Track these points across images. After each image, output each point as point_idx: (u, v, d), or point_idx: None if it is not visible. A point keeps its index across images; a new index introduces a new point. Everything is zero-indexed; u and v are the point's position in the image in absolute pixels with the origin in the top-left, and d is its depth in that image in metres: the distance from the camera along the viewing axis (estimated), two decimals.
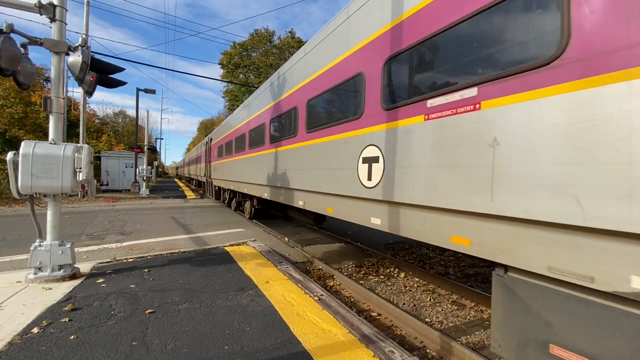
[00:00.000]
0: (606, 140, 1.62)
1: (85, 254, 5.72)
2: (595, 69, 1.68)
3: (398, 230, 3.27)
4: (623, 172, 1.56)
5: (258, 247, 6.25)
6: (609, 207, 1.60)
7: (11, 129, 19.73)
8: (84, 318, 3.10)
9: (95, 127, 34.49)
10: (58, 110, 4.16)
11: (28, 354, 2.48)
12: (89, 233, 7.80)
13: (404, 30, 3.08)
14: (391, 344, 2.75)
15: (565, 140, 1.79)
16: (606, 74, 1.64)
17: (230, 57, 37.75)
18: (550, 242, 1.89)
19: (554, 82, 1.85)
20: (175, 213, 11.81)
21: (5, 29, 3.67)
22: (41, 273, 4.04)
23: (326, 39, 4.65)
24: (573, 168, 1.75)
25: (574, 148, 1.75)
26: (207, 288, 3.99)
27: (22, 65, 3.95)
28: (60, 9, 4.15)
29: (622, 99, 1.57)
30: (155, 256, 5.46)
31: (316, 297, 3.77)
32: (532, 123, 1.95)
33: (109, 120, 47.16)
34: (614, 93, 1.60)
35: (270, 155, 7.09)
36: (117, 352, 2.53)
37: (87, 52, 4.24)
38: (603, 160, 1.63)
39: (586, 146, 1.70)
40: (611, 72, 1.62)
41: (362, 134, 3.75)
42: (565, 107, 1.80)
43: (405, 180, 3.06)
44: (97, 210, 11.96)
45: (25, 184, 3.83)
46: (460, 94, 2.45)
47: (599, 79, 1.67)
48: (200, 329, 2.95)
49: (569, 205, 1.75)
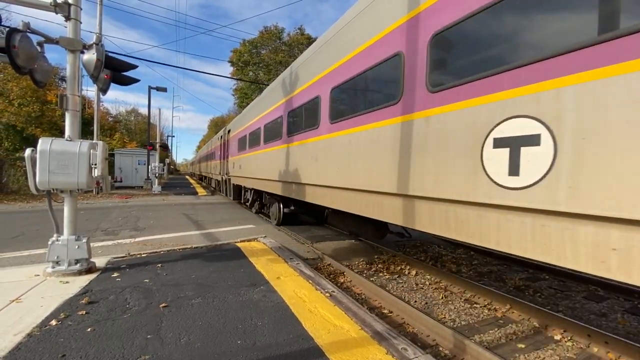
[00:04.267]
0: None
1: (100, 249, 5.83)
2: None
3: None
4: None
5: (269, 243, 6.27)
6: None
7: (28, 127, 20.25)
8: (100, 311, 3.16)
9: (108, 125, 35.15)
10: (74, 108, 4.23)
11: (47, 346, 2.54)
12: (104, 228, 7.97)
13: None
14: (404, 341, 2.72)
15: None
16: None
17: (240, 55, 37.89)
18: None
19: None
20: (187, 209, 11.96)
21: (22, 27, 3.75)
22: (59, 267, 4.14)
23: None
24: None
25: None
26: (219, 283, 4.02)
27: (38, 64, 4.02)
28: (75, 7, 4.21)
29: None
30: (168, 251, 5.54)
31: (327, 293, 3.76)
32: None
33: (122, 119, 48.01)
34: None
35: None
36: (133, 345, 2.58)
37: (101, 49, 4.29)
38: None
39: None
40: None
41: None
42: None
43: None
44: (111, 207, 12.20)
45: (43, 180, 3.92)
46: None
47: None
48: (213, 323, 2.97)
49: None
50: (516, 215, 2.31)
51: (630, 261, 1.75)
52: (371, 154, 3.98)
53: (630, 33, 1.73)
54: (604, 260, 1.85)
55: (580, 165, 1.92)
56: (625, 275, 1.76)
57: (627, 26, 1.75)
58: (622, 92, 1.75)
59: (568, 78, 1.99)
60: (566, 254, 2.03)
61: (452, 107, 2.81)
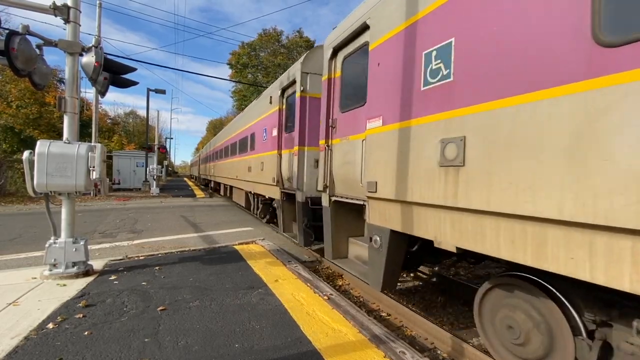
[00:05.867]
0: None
1: (97, 252, 5.81)
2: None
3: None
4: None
5: (267, 245, 6.27)
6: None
7: (26, 129, 20.21)
8: (97, 314, 3.15)
9: (107, 127, 35.10)
10: (72, 110, 4.23)
11: (44, 349, 2.52)
12: (102, 231, 7.94)
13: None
14: (402, 345, 2.73)
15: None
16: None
17: (238, 57, 38.00)
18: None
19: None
20: (185, 211, 11.93)
21: (22, 30, 3.75)
22: (56, 270, 4.12)
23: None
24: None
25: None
26: (217, 286, 4.01)
27: (37, 66, 4.03)
28: (74, 10, 4.22)
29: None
30: (166, 254, 5.53)
31: (325, 296, 3.76)
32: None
33: (120, 121, 47.96)
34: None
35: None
36: (130, 349, 2.57)
37: (100, 52, 4.30)
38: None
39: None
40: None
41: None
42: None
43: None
44: (109, 209, 12.17)
45: (41, 182, 3.91)
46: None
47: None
48: (211, 326, 2.97)
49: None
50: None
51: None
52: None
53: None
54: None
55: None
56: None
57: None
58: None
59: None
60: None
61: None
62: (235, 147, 12.84)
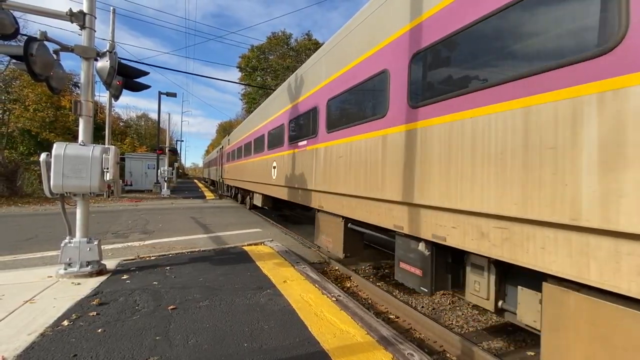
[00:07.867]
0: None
1: (110, 252, 5.93)
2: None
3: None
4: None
5: (275, 247, 6.30)
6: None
7: (42, 132, 20.79)
8: (110, 312, 3.22)
9: (119, 129, 35.86)
10: (87, 113, 4.35)
11: (59, 346, 2.60)
12: (114, 231, 8.10)
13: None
14: (410, 347, 2.71)
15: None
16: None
17: (248, 60, 38.41)
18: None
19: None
20: (195, 213, 12.08)
21: (40, 36, 3.88)
22: (71, 269, 4.23)
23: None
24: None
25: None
26: (226, 286, 4.06)
27: (54, 71, 4.16)
28: (90, 16, 4.35)
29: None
30: (176, 254, 5.61)
31: (334, 297, 3.76)
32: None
33: (132, 123, 48.92)
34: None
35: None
36: (142, 346, 2.62)
37: (114, 57, 4.42)
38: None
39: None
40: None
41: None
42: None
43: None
44: (121, 210, 12.40)
45: (57, 184, 4.02)
46: None
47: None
48: (221, 326, 3.00)
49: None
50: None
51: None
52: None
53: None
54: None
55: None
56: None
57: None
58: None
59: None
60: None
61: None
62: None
